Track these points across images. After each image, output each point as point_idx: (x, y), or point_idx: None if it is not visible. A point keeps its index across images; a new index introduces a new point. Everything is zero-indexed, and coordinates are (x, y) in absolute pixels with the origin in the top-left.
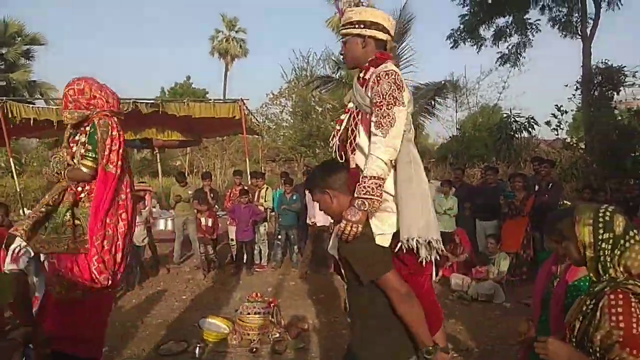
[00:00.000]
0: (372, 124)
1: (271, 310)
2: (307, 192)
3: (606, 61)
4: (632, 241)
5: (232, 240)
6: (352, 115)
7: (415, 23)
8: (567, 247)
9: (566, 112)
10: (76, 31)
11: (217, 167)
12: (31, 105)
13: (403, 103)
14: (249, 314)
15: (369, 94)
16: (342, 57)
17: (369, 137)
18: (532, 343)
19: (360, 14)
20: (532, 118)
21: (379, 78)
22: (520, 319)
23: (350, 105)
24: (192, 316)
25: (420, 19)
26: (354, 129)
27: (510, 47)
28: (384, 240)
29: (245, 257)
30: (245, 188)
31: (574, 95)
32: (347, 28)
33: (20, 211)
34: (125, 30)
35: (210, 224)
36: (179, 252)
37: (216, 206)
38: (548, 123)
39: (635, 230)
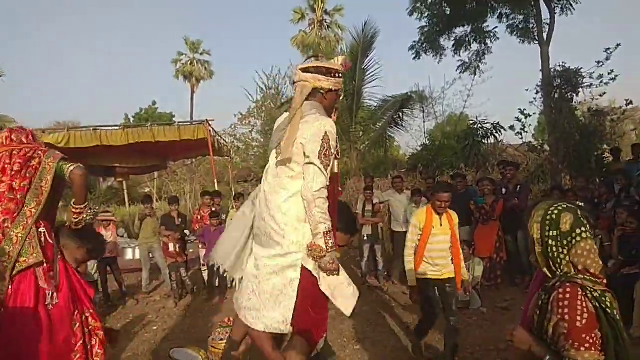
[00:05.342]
0: None
1: None
2: None
3: (564, 64)
4: (578, 238)
5: (203, 265)
6: None
7: (379, 38)
8: (531, 243)
9: (530, 115)
10: (34, 62)
11: (186, 191)
12: None
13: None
14: (221, 339)
15: None
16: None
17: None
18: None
19: None
20: (498, 124)
21: None
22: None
23: None
24: (163, 347)
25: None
26: None
27: (470, 56)
28: None
29: (218, 281)
30: (214, 210)
31: (534, 99)
32: None
33: None
34: (83, 56)
35: (177, 249)
36: (148, 281)
37: (186, 231)
38: (512, 127)
39: (584, 228)
